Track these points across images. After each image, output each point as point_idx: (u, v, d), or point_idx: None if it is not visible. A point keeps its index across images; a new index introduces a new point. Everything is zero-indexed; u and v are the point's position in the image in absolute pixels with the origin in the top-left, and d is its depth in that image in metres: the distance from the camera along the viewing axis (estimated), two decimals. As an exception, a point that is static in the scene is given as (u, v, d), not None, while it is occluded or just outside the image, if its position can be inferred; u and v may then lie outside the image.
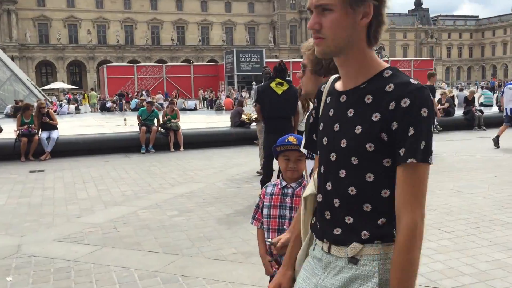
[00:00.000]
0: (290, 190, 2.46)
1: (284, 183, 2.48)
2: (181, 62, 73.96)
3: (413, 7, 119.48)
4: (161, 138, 12.12)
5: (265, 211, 2.50)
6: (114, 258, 4.50)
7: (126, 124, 17.78)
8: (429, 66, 64.62)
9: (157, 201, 6.68)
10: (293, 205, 2.43)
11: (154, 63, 67.95)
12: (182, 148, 11.99)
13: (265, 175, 6.54)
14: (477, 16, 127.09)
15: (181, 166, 9.69)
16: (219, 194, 7.08)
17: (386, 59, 55.46)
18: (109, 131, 14.90)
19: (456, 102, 17.23)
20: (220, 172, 8.94)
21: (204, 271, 4.12)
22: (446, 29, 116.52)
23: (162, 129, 12.19)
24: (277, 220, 2.46)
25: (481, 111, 15.22)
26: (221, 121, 18.12)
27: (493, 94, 23.35)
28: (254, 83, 50.43)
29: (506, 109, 11.27)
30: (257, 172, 8.41)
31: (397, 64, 62.03)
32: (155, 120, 12.24)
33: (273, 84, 6.28)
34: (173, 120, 12.21)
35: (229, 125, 13.84)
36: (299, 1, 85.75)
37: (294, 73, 48.18)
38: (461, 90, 19.38)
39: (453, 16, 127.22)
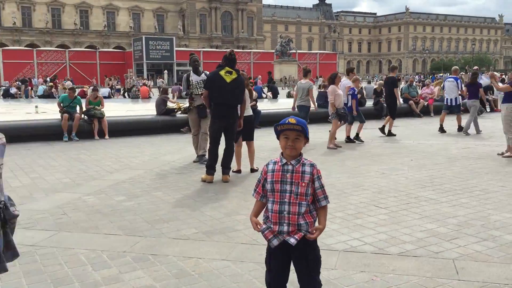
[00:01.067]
0: (290, 167, 2.73)
1: (284, 161, 2.75)
2: (85, 48, 70.81)
3: (317, 1, 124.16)
4: (84, 126, 11.80)
5: (269, 186, 2.76)
6: (76, 242, 4.52)
7: (37, 111, 16.93)
8: (333, 59, 67.98)
9: (100, 188, 6.65)
10: (293, 180, 2.71)
11: (55, 47, 64.43)
12: (107, 136, 11.77)
13: (210, 159, 6.78)
14: (375, 13, 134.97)
15: (112, 154, 9.58)
16: (161, 180, 7.18)
17: (294, 51, 57.30)
18: (23, 119, 14.12)
19: (364, 93, 18.45)
20: (154, 159, 8.98)
21: (172, 249, 4.30)
22: (347, 25, 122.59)
23: (85, 116, 11.87)
24: (279, 193, 2.73)
25: (389, 102, 16.45)
26: (142, 109, 17.91)
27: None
28: (165, 71, 49.87)
29: (446, 99, 12.87)
30: (194, 161, 8.53)
31: (304, 56, 64.43)
32: (77, 107, 11.88)
33: (222, 72, 6.51)
34: (97, 107, 11.93)
35: (152, 113, 13.85)
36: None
37: (204, 63, 47.68)
38: (369, 82, 20.76)
39: (353, 12, 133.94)
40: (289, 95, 23.48)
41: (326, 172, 7.44)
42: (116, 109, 18.07)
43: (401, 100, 11.86)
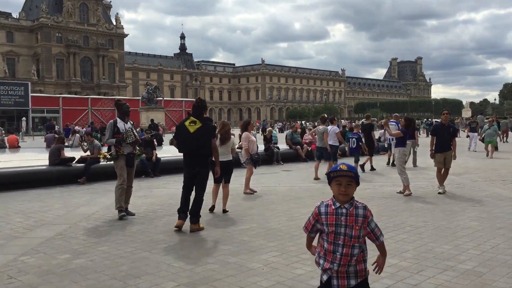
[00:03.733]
0: (344, 210, 2.88)
1: (338, 204, 2.90)
2: None
3: (178, 51, 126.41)
4: (-33, 179, 10.46)
5: (324, 228, 2.90)
6: (50, 308, 4.04)
7: None
8: (198, 107, 69.01)
9: (31, 247, 5.97)
10: (347, 224, 2.86)
11: None
12: (-5, 190, 10.55)
13: (182, 203, 6.78)
14: (234, 64, 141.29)
15: (15, 209, 8.63)
16: (96, 234, 6.68)
17: (161, 98, 57.08)
18: None
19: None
20: (69, 212, 8.30)
21: (166, 305, 4.07)
22: (208, 74, 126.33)
23: (-31, 168, 10.55)
24: (333, 235, 2.87)
25: (278, 148, 17.32)
26: (17, 160, 16.44)
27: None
28: (24, 118, 46.17)
29: (389, 139, 15.77)
30: (120, 218, 7.57)
31: (170, 104, 64.57)
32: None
33: (187, 123, 6.64)
34: (-17, 158, 10.70)
35: (32, 164, 13.05)
36: (66, 35, 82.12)
37: (64, 109, 45.57)
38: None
39: (213, 62, 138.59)
40: (172, 143, 23.31)
41: (263, 218, 7.61)
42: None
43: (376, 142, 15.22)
